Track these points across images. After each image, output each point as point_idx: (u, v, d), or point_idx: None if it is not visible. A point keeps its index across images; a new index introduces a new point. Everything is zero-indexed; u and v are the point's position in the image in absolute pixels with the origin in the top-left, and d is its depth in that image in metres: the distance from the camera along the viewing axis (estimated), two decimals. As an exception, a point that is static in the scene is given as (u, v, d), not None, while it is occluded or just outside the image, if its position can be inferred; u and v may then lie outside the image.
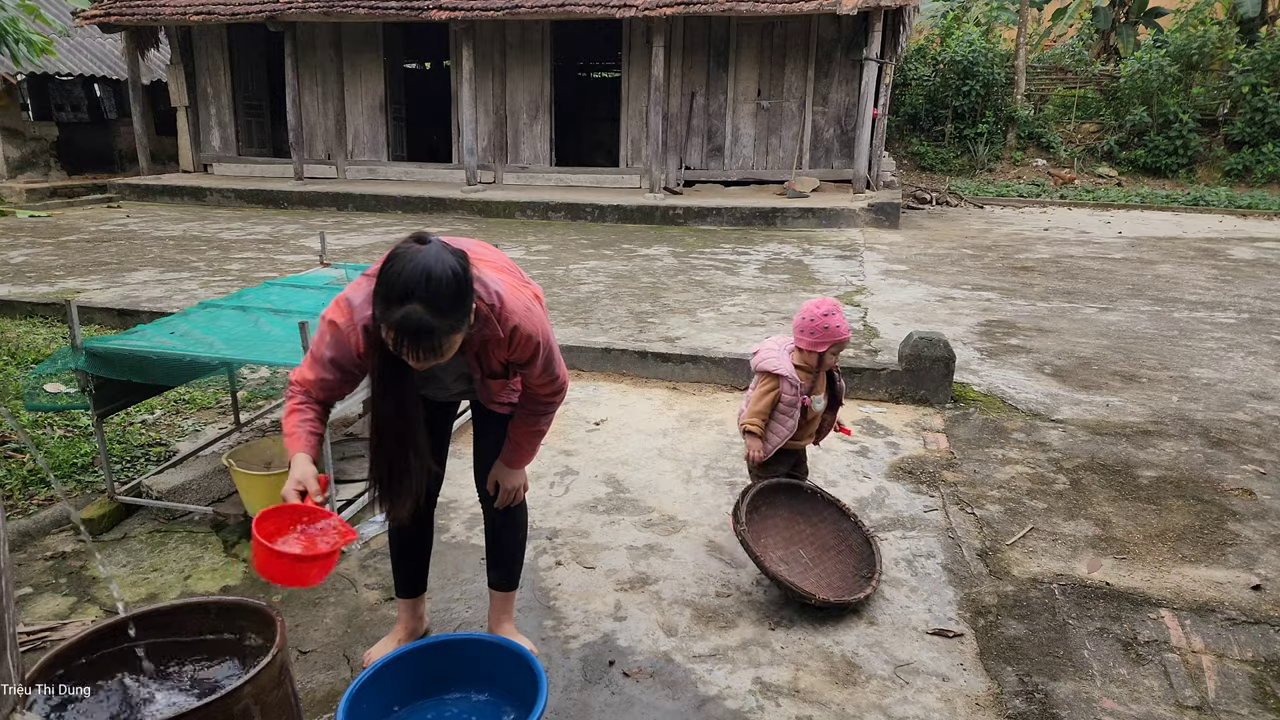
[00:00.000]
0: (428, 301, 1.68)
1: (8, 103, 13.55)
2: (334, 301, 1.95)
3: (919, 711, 2.23)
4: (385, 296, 1.71)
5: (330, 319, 1.92)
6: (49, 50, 5.60)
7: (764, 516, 2.94)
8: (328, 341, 1.93)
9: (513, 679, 2.07)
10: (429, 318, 1.69)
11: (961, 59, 17.20)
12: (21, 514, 3.18)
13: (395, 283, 1.69)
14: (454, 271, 1.73)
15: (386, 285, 1.71)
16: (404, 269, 1.69)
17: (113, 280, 7.04)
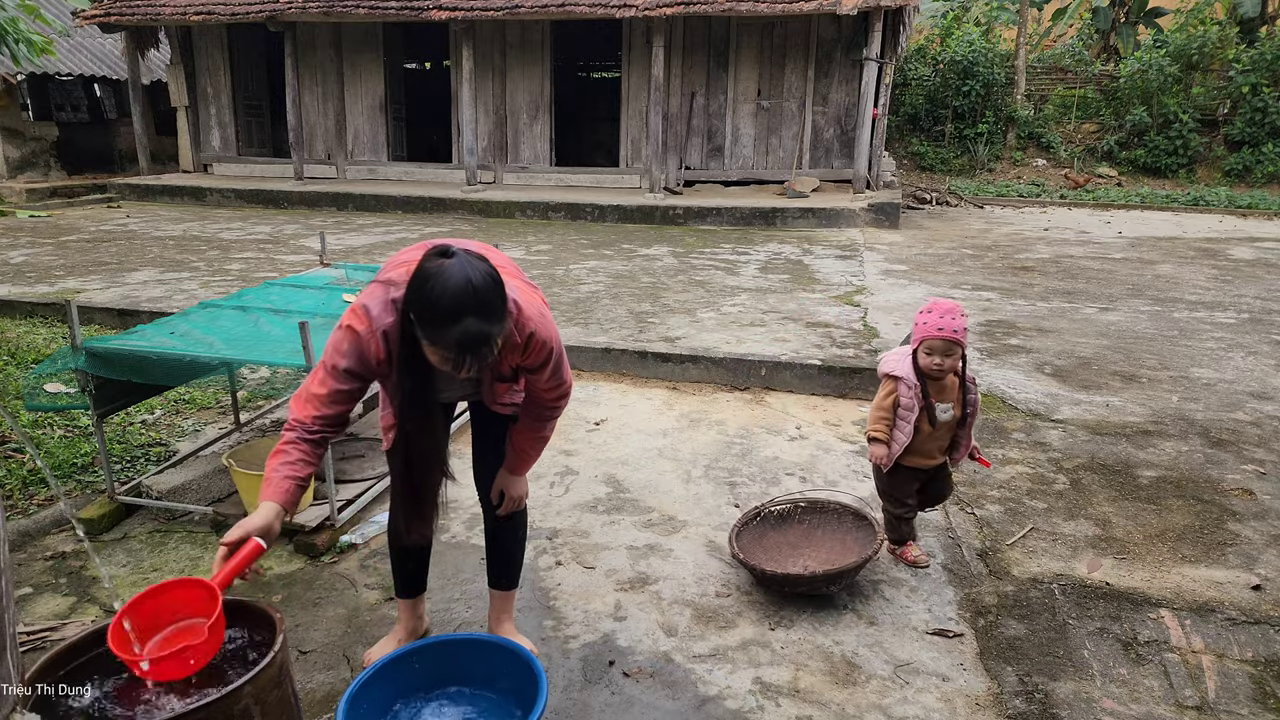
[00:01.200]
0: (479, 312, 1.70)
1: (8, 103, 13.55)
2: (349, 310, 1.92)
3: (919, 711, 2.23)
4: (436, 317, 1.70)
5: (349, 325, 1.89)
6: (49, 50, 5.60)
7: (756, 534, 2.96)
8: (344, 350, 1.90)
9: (513, 679, 2.07)
10: (485, 326, 1.71)
11: (961, 59, 17.20)
12: (21, 514, 3.18)
13: (443, 301, 1.69)
14: (490, 276, 1.75)
15: (433, 306, 1.70)
16: (447, 286, 1.69)
17: (113, 280, 7.04)
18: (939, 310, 2.66)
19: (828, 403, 4.60)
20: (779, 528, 2.99)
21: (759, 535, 2.94)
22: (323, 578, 2.84)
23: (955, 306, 2.67)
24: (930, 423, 2.75)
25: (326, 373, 1.92)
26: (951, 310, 2.65)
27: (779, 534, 2.98)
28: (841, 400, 4.63)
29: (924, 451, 2.80)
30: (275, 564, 2.92)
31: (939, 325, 2.64)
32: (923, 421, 2.74)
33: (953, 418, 2.78)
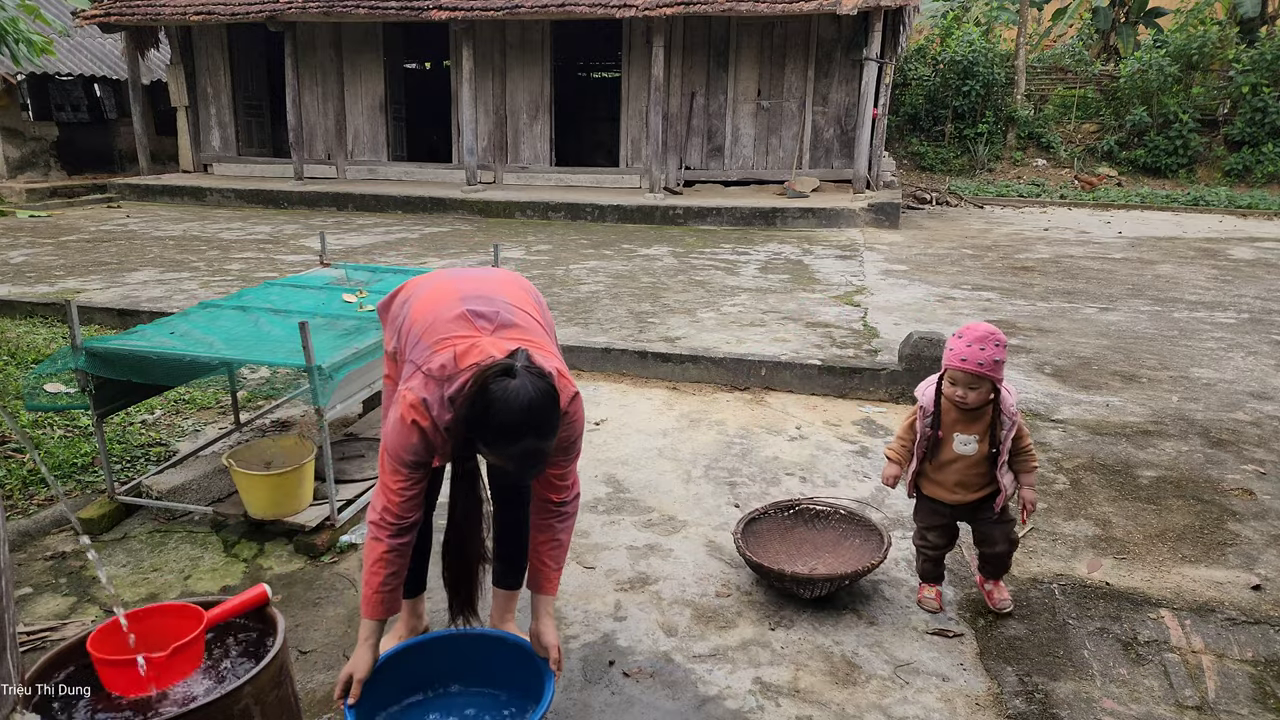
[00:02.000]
0: (538, 432, 1.81)
1: (8, 103, 13.55)
2: (408, 405, 1.91)
3: (919, 711, 2.23)
4: (500, 440, 1.81)
5: (414, 422, 1.91)
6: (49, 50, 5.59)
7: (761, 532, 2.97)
8: (412, 446, 1.93)
9: (517, 674, 2.09)
10: (541, 444, 1.83)
11: (961, 59, 17.21)
12: (21, 514, 3.19)
13: (506, 425, 1.78)
14: (549, 396, 1.82)
15: (497, 430, 1.79)
16: (509, 410, 1.77)
17: (113, 280, 7.04)
18: (969, 337, 2.39)
19: (828, 403, 4.60)
20: (783, 529, 2.99)
21: (763, 535, 2.95)
22: (323, 578, 2.84)
23: (989, 334, 2.38)
24: (932, 455, 2.56)
25: (396, 466, 1.96)
26: (983, 339, 2.37)
27: (783, 535, 2.98)
28: (841, 400, 4.63)
29: (942, 483, 2.58)
30: (275, 564, 2.92)
31: (963, 355, 2.38)
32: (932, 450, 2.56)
33: (978, 453, 2.51)
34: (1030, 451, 2.55)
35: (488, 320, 2.03)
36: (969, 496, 2.57)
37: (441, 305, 2.06)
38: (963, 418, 2.49)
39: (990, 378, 2.38)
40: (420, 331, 2.03)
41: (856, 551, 2.86)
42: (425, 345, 1.99)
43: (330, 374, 2.80)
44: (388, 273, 4.37)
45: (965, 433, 2.50)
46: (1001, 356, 2.38)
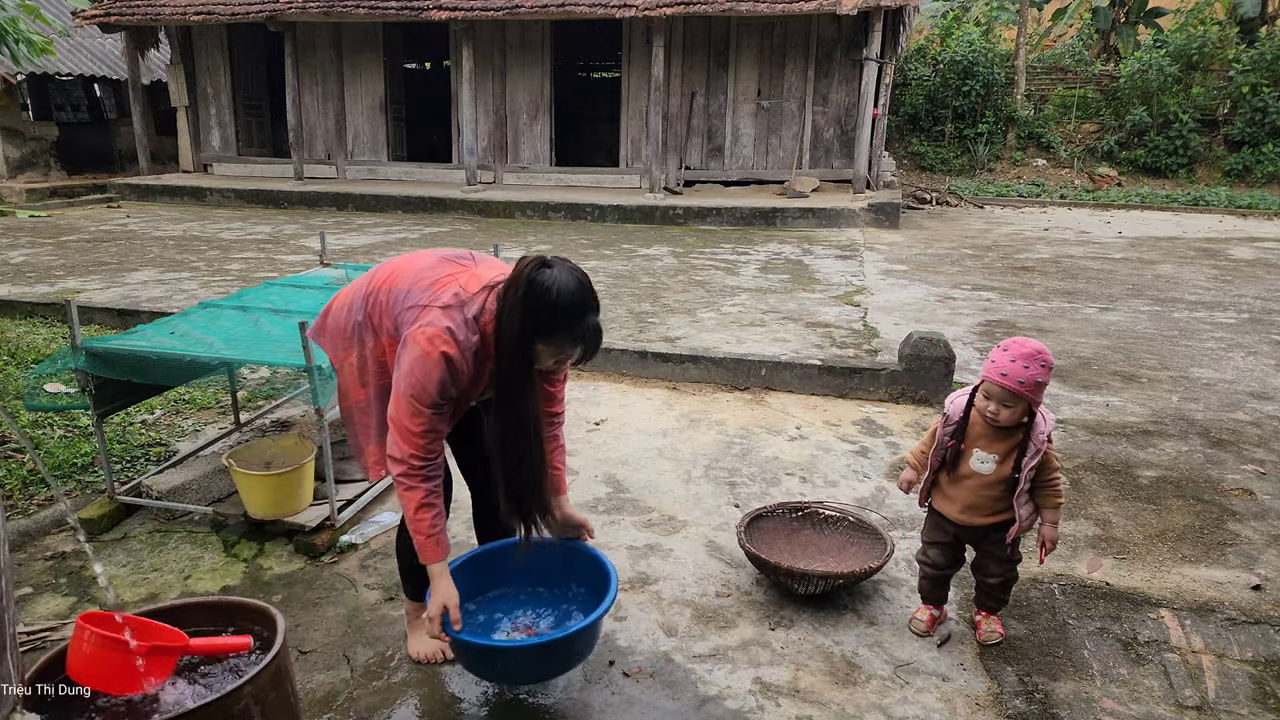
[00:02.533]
0: (595, 308, 1.90)
1: (8, 103, 13.55)
2: (429, 337, 1.90)
3: (919, 711, 2.23)
4: (566, 320, 1.85)
5: (442, 352, 1.89)
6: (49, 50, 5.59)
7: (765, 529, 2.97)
8: (439, 380, 1.90)
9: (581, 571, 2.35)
10: (598, 319, 1.91)
11: (961, 59, 17.21)
12: (21, 514, 3.18)
13: (569, 304, 1.84)
14: (585, 275, 1.92)
15: (561, 308, 1.84)
16: (565, 290, 1.84)
17: (113, 280, 7.04)
18: (1015, 352, 2.24)
19: (828, 403, 4.60)
20: (790, 530, 3.00)
21: (768, 534, 2.96)
22: (323, 578, 2.84)
23: (1036, 353, 2.22)
24: (949, 468, 2.43)
25: (419, 407, 1.93)
26: (1030, 356, 2.22)
27: (789, 536, 2.99)
28: (841, 400, 4.63)
29: (952, 499, 2.44)
30: (275, 564, 2.92)
31: (1004, 370, 2.23)
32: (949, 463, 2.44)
33: (994, 474, 2.35)
34: (1056, 485, 2.36)
35: (468, 259, 2.08)
36: (977, 519, 2.41)
37: (416, 264, 2.07)
38: (988, 434, 2.34)
39: (1027, 398, 2.23)
40: (406, 288, 2.02)
41: (858, 558, 2.86)
42: (420, 291, 1.99)
43: (330, 374, 2.80)
44: (388, 273, 4.36)
45: (986, 450, 2.35)
46: (1044, 379, 2.22)
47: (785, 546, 2.94)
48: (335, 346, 2.22)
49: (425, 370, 1.90)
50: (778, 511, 3.03)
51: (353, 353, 2.17)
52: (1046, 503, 2.37)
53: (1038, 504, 2.38)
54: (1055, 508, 2.38)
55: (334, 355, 2.23)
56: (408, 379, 1.92)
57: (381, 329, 2.08)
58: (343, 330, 2.19)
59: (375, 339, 2.11)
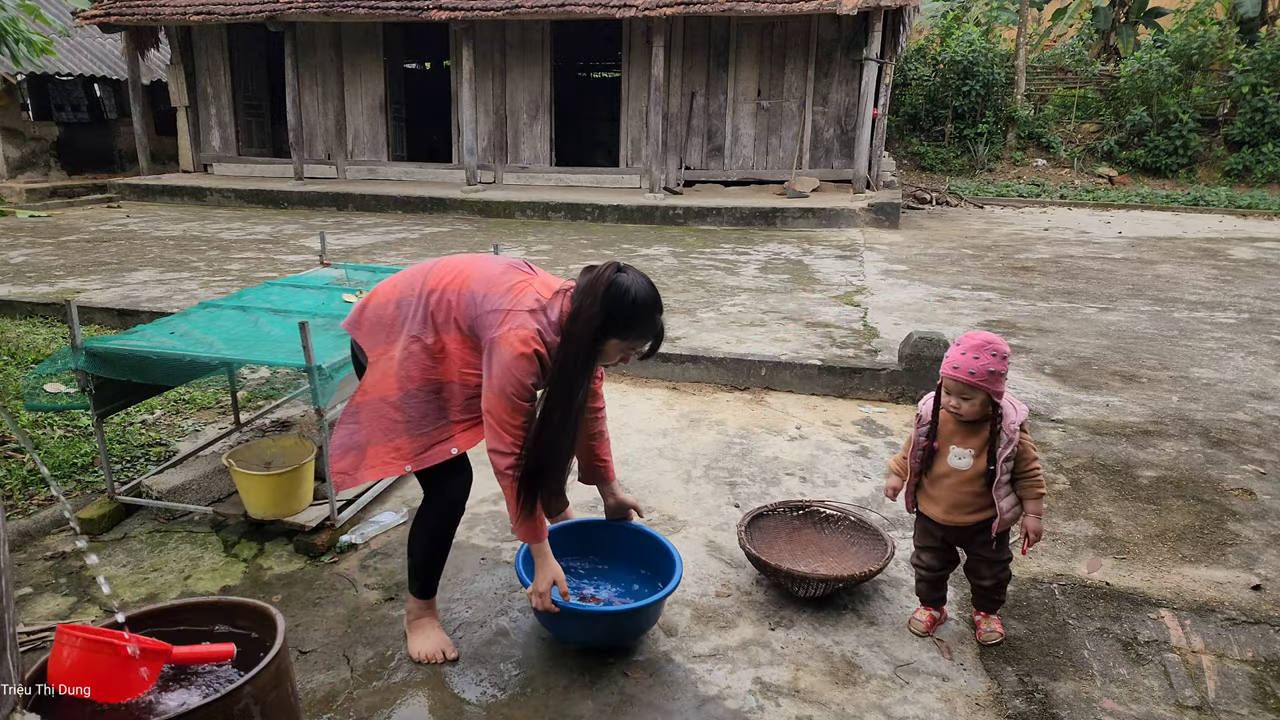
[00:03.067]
0: (662, 309, 2.19)
1: (8, 103, 13.55)
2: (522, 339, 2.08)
3: (919, 711, 2.23)
4: (645, 319, 2.14)
5: (534, 352, 2.09)
6: (49, 50, 5.59)
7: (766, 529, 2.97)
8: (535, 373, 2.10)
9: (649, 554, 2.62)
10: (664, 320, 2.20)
11: (961, 59, 17.21)
12: (21, 514, 3.19)
13: (647, 304, 2.13)
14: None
15: (640, 307, 2.12)
16: (642, 291, 2.14)
17: (113, 280, 7.04)
18: (965, 344, 2.28)
19: (828, 403, 4.60)
20: (791, 529, 3.00)
21: (769, 533, 2.96)
22: (323, 578, 2.84)
23: (985, 343, 2.26)
24: (925, 468, 2.45)
25: (518, 404, 2.10)
26: (979, 347, 2.26)
27: (790, 535, 2.99)
28: (841, 400, 4.63)
29: (936, 500, 2.44)
30: (275, 564, 2.92)
31: (955, 363, 2.27)
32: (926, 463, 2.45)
33: (972, 469, 2.35)
34: (1036, 475, 2.35)
35: (528, 269, 2.30)
36: (962, 518, 2.40)
37: (485, 270, 2.23)
38: (960, 430, 2.36)
39: (984, 388, 2.25)
40: (482, 292, 2.17)
41: (859, 558, 2.86)
42: (499, 296, 2.15)
43: (330, 374, 2.80)
44: (387, 273, 4.36)
45: (962, 446, 2.36)
46: (997, 367, 2.24)
47: (786, 546, 2.94)
48: (375, 339, 2.26)
49: (522, 369, 2.07)
50: (779, 510, 3.03)
51: (395, 346, 2.22)
52: (1028, 494, 2.37)
53: (1020, 496, 2.38)
54: (1037, 498, 2.37)
55: (371, 348, 2.26)
56: (506, 378, 2.08)
57: (448, 326, 2.19)
58: (388, 324, 2.25)
59: (436, 335, 2.20)
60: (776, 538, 2.96)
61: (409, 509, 3.30)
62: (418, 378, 2.21)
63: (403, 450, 2.23)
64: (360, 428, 2.25)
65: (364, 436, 2.25)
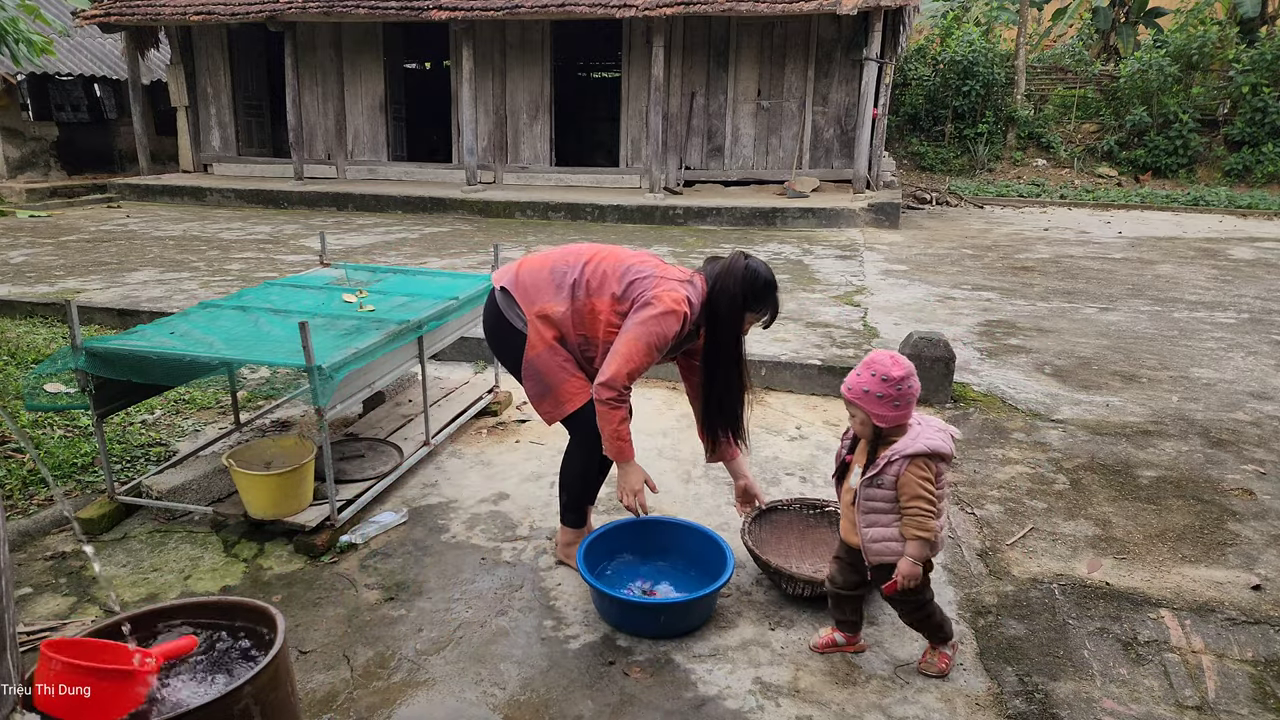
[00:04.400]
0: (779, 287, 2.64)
1: (8, 103, 13.55)
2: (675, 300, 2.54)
3: (919, 711, 2.23)
4: (772, 294, 2.62)
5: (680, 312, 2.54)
6: (49, 50, 5.59)
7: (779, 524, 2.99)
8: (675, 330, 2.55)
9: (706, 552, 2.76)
10: None
11: (961, 59, 17.21)
12: (21, 514, 3.19)
13: (772, 284, 2.62)
14: None
15: (769, 284, 2.61)
16: (767, 272, 2.61)
17: (113, 280, 7.04)
18: (864, 361, 2.24)
19: (828, 403, 4.60)
20: (804, 526, 3.02)
21: (781, 528, 2.99)
22: (323, 578, 2.84)
23: (871, 363, 2.19)
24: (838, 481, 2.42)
25: (653, 350, 2.54)
26: (866, 364, 2.20)
27: (803, 533, 2.99)
28: (841, 400, 4.63)
29: (841, 514, 2.41)
30: (275, 564, 2.92)
31: (847, 382, 2.24)
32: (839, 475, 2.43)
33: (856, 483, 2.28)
34: (912, 513, 2.15)
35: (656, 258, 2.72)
36: (853, 538, 2.32)
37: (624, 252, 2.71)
38: (863, 447, 2.30)
39: (859, 406, 2.20)
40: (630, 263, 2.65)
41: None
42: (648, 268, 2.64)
43: (330, 374, 2.80)
44: (387, 273, 4.37)
45: (860, 464, 2.30)
46: (874, 388, 2.15)
47: (797, 543, 2.95)
48: (539, 299, 2.68)
49: (667, 324, 2.53)
50: (793, 506, 3.03)
51: (565, 304, 2.65)
52: (906, 532, 2.18)
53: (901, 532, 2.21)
54: (914, 539, 2.17)
55: (535, 306, 2.67)
56: (655, 327, 2.52)
57: (601, 291, 2.63)
58: (543, 286, 2.69)
59: (588, 298, 2.64)
60: (788, 533, 2.97)
61: (409, 509, 3.30)
62: (573, 333, 2.66)
63: (583, 383, 2.68)
64: (542, 374, 2.66)
65: (549, 380, 2.66)
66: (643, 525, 2.87)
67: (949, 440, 2.20)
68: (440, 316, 3.58)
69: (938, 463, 2.17)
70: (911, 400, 2.19)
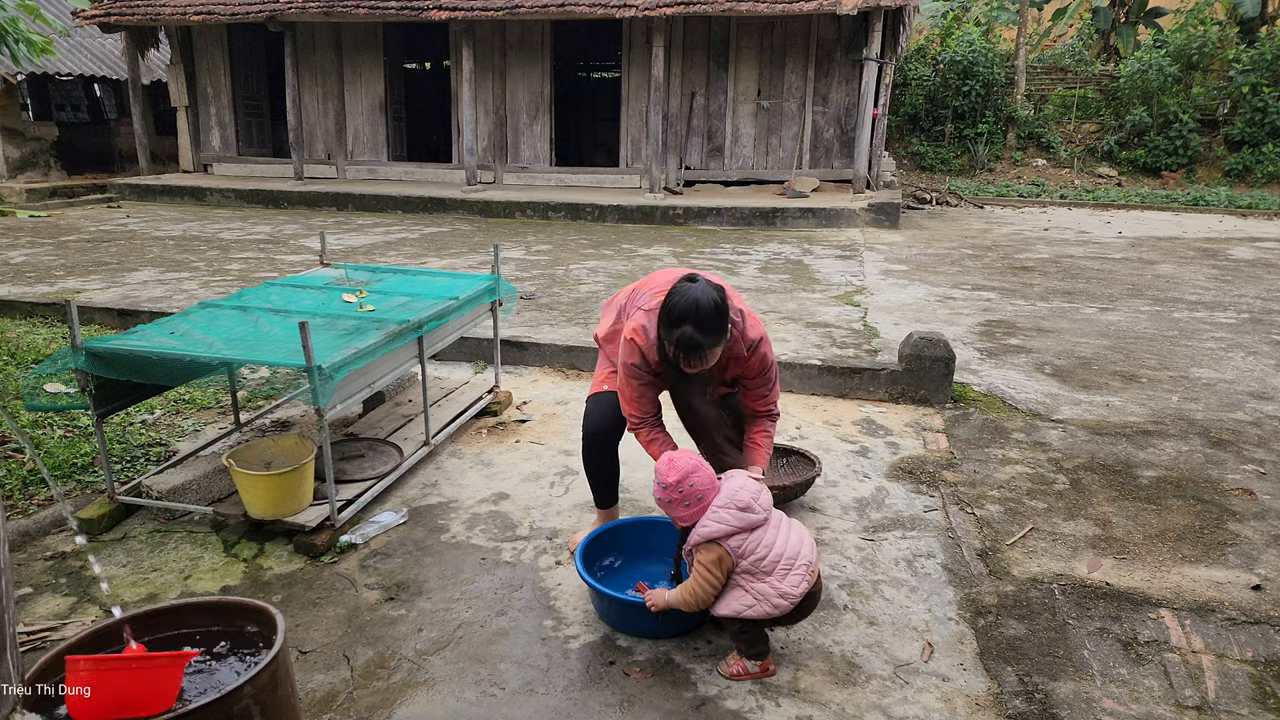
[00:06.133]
0: (698, 326, 2.36)
1: (8, 103, 13.55)
2: (630, 329, 2.61)
3: (919, 711, 2.23)
4: (668, 322, 2.41)
5: (631, 339, 2.60)
6: (49, 50, 5.58)
7: None
8: (632, 357, 2.60)
9: None
10: (698, 336, 2.37)
11: (961, 59, 17.20)
12: (21, 514, 3.18)
13: (674, 312, 2.39)
14: (715, 303, 2.40)
15: (668, 313, 2.41)
16: (680, 302, 2.38)
17: (113, 280, 7.04)
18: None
19: (828, 403, 4.60)
20: None
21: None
22: (323, 578, 2.84)
23: (658, 469, 2.37)
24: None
25: (626, 377, 2.65)
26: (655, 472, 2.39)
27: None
28: (841, 400, 4.63)
29: None
30: (275, 564, 2.92)
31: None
32: None
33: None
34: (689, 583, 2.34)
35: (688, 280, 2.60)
36: None
37: (659, 278, 2.77)
38: None
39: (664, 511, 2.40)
40: (641, 291, 2.78)
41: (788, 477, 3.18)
42: (646, 294, 2.71)
43: (330, 374, 2.80)
44: (388, 273, 4.37)
45: None
46: (661, 495, 2.34)
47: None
48: (606, 316, 2.96)
49: (627, 351, 2.62)
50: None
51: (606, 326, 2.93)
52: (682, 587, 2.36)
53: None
54: (678, 594, 2.35)
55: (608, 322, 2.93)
56: (620, 355, 2.67)
57: (626, 315, 2.82)
58: (614, 308, 2.95)
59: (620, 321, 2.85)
60: None
61: (409, 509, 3.30)
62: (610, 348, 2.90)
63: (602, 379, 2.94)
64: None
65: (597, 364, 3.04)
66: (643, 526, 2.87)
67: (729, 517, 2.28)
68: (440, 316, 3.58)
69: (722, 542, 2.29)
70: (700, 497, 2.33)
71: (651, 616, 2.49)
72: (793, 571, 2.27)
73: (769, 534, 2.30)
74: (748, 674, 2.35)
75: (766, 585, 2.26)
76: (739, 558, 2.29)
